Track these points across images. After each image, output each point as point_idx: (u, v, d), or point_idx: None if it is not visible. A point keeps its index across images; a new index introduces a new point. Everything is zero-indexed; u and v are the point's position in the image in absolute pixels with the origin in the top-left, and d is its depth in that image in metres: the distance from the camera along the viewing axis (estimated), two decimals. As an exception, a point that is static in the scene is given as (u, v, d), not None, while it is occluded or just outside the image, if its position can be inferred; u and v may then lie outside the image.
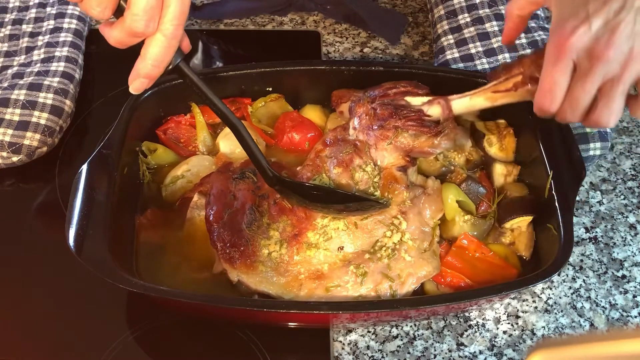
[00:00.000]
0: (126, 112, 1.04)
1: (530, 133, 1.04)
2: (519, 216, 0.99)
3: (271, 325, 0.99)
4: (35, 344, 0.96)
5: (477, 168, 1.08)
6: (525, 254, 1.00)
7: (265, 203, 0.97)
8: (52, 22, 1.30)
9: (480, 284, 0.96)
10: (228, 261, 0.92)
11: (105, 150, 0.98)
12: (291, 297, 0.92)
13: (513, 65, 0.95)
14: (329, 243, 0.95)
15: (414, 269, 0.94)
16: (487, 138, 1.07)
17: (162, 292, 0.88)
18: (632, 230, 1.12)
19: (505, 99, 0.96)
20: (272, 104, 1.16)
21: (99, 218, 0.91)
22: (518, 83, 0.93)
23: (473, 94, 0.99)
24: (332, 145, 1.04)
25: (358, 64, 1.16)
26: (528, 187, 1.05)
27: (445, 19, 1.31)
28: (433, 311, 0.95)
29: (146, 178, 1.07)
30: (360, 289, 0.93)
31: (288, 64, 1.15)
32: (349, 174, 1.01)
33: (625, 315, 1.02)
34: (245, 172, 1.00)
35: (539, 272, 0.90)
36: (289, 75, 1.15)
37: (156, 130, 1.11)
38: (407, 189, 0.99)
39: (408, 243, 0.96)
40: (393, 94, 1.04)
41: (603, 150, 1.13)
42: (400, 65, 1.17)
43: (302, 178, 1.01)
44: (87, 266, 0.85)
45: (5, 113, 1.12)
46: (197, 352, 0.96)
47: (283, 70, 1.14)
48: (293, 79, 1.16)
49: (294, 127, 1.12)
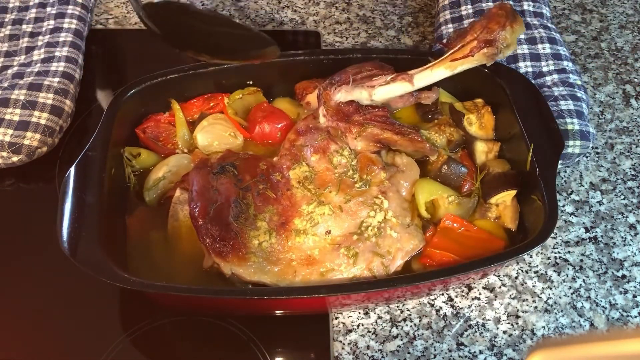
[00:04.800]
0: (109, 113, 1.04)
1: (508, 109, 1.06)
2: (503, 191, 1.01)
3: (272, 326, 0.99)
4: (35, 344, 0.96)
5: (459, 148, 1.10)
6: (512, 226, 1.01)
7: (249, 195, 0.98)
8: (52, 22, 1.30)
9: (470, 260, 0.96)
10: (219, 255, 0.93)
11: (91, 152, 0.98)
12: (287, 284, 0.93)
13: (466, 31, 1.02)
14: (316, 228, 0.97)
15: (402, 243, 0.97)
16: (466, 117, 1.09)
17: (161, 288, 0.88)
18: (632, 230, 1.12)
19: (464, 64, 1.02)
20: (249, 97, 1.16)
21: (91, 220, 0.91)
22: (474, 48, 1.00)
23: (433, 66, 1.03)
24: (305, 133, 1.05)
25: (336, 52, 1.16)
26: (509, 162, 1.06)
27: (448, 8, 1.34)
28: (428, 287, 0.96)
29: (132, 181, 1.07)
30: (353, 269, 0.94)
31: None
32: (327, 159, 1.02)
33: (625, 315, 1.02)
34: (225, 165, 0.99)
35: (529, 240, 0.91)
36: (267, 68, 1.14)
37: (135, 129, 1.11)
38: (384, 169, 1.02)
39: (392, 220, 0.98)
40: (360, 79, 1.06)
41: (583, 149, 1.14)
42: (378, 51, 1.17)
43: (282, 168, 1.02)
44: (83, 268, 0.85)
45: (5, 113, 1.12)
46: (196, 351, 0.96)
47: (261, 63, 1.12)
48: (270, 71, 1.15)
49: (265, 117, 1.12)
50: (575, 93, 1.18)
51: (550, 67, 1.22)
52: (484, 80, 1.10)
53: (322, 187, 1.00)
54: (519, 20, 1.01)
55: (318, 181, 1.01)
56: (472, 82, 1.10)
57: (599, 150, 1.24)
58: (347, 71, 1.07)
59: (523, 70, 1.22)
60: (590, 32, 1.45)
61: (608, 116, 1.29)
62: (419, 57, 1.14)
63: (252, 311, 1.01)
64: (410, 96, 1.07)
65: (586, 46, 1.42)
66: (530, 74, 1.22)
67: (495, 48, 0.99)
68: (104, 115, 1.04)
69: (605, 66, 1.38)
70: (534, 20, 1.29)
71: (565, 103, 1.16)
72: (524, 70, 1.22)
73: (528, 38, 1.25)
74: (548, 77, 1.21)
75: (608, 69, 1.38)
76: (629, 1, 1.53)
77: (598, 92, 1.33)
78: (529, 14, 1.31)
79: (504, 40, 1.00)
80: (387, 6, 1.50)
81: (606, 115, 1.29)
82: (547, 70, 1.22)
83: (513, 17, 1.00)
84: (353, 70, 1.07)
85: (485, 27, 0.99)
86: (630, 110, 1.30)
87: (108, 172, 0.98)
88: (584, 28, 1.46)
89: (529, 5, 1.32)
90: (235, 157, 1.02)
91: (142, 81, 1.09)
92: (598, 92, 1.33)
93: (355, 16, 1.48)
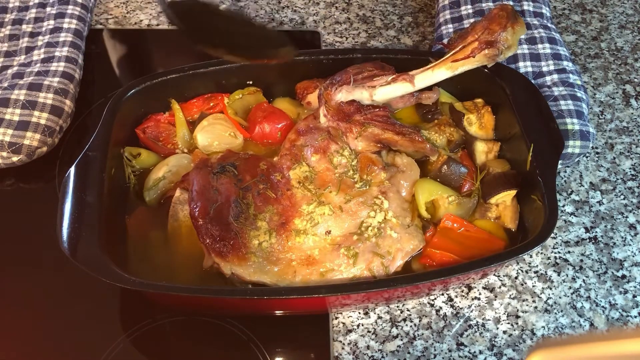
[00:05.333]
0: (109, 113, 1.04)
1: (508, 109, 1.06)
2: (503, 191, 1.01)
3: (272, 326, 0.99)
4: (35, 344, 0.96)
5: (459, 148, 1.10)
6: (511, 226, 1.01)
7: (249, 195, 0.98)
8: (52, 22, 1.30)
9: (470, 260, 0.96)
10: (219, 255, 0.93)
11: (91, 152, 0.98)
12: (287, 284, 0.93)
13: (467, 32, 1.02)
14: (316, 228, 0.97)
15: (402, 244, 0.97)
16: (466, 117, 1.09)
17: (161, 288, 0.88)
18: (632, 230, 1.12)
19: (465, 65, 1.02)
20: (249, 97, 1.16)
21: (91, 220, 0.91)
22: (475, 49, 1.00)
23: (434, 66, 1.03)
24: (305, 133, 1.06)
25: (336, 52, 1.16)
26: (509, 162, 1.06)
27: (448, 8, 1.34)
28: (428, 287, 0.96)
29: (132, 181, 1.07)
30: (353, 269, 0.94)
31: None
32: (328, 159, 1.03)
33: (625, 315, 1.02)
34: (226, 165, 1.00)
35: (529, 240, 0.91)
36: (267, 68, 1.14)
37: (135, 129, 1.11)
38: (384, 170, 1.02)
39: (392, 221, 0.98)
40: (361, 79, 1.06)
41: (583, 149, 1.14)
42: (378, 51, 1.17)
43: (282, 168, 1.02)
44: (83, 268, 0.85)
45: (5, 113, 1.12)
46: (196, 351, 0.96)
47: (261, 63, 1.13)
48: (270, 71, 1.15)
49: (265, 117, 1.12)
50: (575, 93, 1.18)
51: (550, 67, 1.22)
52: (484, 80, 1.10)
53: (323, 187, 1.01)
54: (520, 22, 1.01)
55: (318, 181, 1.01)
56: (472, 82, 1.10)
57: (599, 150, 1.24)
58: (348, 71, 1.07)
59: (523, 70, 1.23)
60: (590, 32, 1.45)
61: (608, 116, 1.29)
62: (419, 57, 1.14)
63: (252, 311, 1.01)
64: (411, 96, 1.07)
65: (586, 46, 1.42)
66: (530, 74, 1.22)
67: (496, 49, 1.00)
68: (104, 115, 1.03)
69: (605, 66, 1.38)
70: (534, 20, 1.29)
71: (565, 103, 1.16)
72: (523, 70, 1.23)
73: (528, 38, 1.25)
74: (548, 77, 1.21)
75: (608, 69, 1.38)
76: (629, 1, 1.53)
77: (598, 92, 1.33)
78: (528, 14, 1.31)
79: (505, 41, 1.00)
80: (387, 6, 1.50)
81: (606, 115, 1.29)
82: (547, 70, 1.22)
83: (514, 19, 1.00)
84: (354, 70, 1.08)
85: (487, 28, 0.99)
86: (630, 110, 1.30)
87: (108, 172, 0.98)
88: (584, 28, 1.46)
89: (528, 5, 1.32)
90: (235, 157, 1.02)
91: (142, 81, 1.09)
92: (598, 92, 1.33)
93: (355, 16, 1.48)
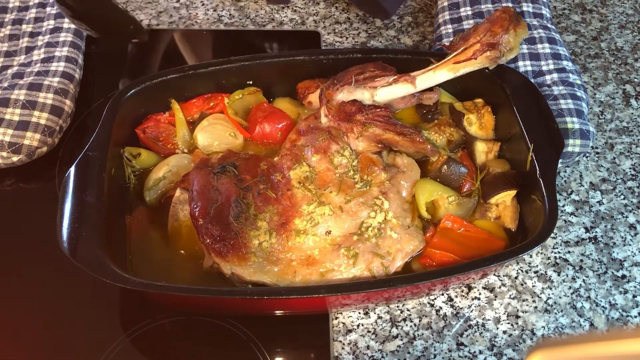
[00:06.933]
0: (109, 113, 1.04)
1: (508, 109, 1.06)
2: (503, 191, 1.01)
3: (272, 326, 0.99)
4: (35, 344, 0.96)
5: (459, 148, 1.10)
6: (512, 227, 1.01)
7: (249, 195, 0.98)
8: (52, 22, 1.30)
9: (470, 260, 0.96)
10: (219, 255, 0.93)
11: (91, 152, 0.98)
12: (287, 284, 0.93)
13: (469, 34, 1.02)
14: (316, 228, 0.97)
15: (402, 244, 0.97)
16: (466, 117, 1.09)
17: (161, 288, 0.88)
18: (632, 230, 1.12)
19: (467, 67, 1.02)
20: (249, 97, 1.16)
21: (91, 220, 0.91)
22: (477, 51, 1.00)
23: (435, 67, 1.03)
24: (306, 133, 1.06)
25: (336, 52, 1.16)
26: (509, 162, 1.06)
27: (447, 9, 1.35)
28: (428, 287, 0.96)
29: (132, 181, 1.07)
30: (353, 269, 0.94)
31: (265, 57, 1.15)
32: (328, 160, 1.02)
33: (625, 315, 1.02)
34: (226, 165, 1.00)
35: (529, 240, 0.91)
36: (267, 68, 1.14)
37: (135, 129, 1.11)
38: (385, 170, 1.02)
39: (392, 221, 0.98)
40: (362, 79, 1.06)
41: (583, 148, 1.14)
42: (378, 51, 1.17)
43: (283, 168, 1.02)
44: (83, 268, 0.85)
45: (5, 113, 1.12)
46: (196, 351, 0.96)
47: (261, 63, 1.14)
48: (270, 71, 1.15)
49: (265, 117, 1.12)
50: (575, 92, 1.18)
51: (550, 66, 1.22)
52: (484, 80, 1.10)
53: (323, 187, 1.01)
54: (522, 24, 1.00)
55: (319, 181, 1.01)
56: (472, 82, 1.10)
57: (599, 150, 1.24)
58: (349, 71, 1.08)
59: (522, 70, 1.23)
60: (590, 32, 1.45)
61: (608, 116, 1.29)
62: (419, 57, 1.14)
63: (252, 311, 1.01)
64: (412, 97, 1.07)
65: (586, 46, 1.42)
66: (529, 73, 1.22)
67: (498, 51, 0.99)
68: (104, 115, 1.03)
69: (605, 66, 1.38)
70: (534, 20, 1.29)
71: (565, 102, 1.16)
72: (523, 70, 1.23)
73: (528, 38, 1.25)
74: (548, 77, 1.21)
75: (608, 69, 1.38)
76: (629, 1, 1.53)
77: (598, 92, 1.33)
78: (528, 14, 1.31)
79: (507, 43, 0.99)
80: (387, 6, 1.50)
81: (606, 115, 1.29)
82: (546, 69, 1.22)
83: (516, 21, 1.00)
84: (355, 70, 1.08)
85: (489, 30, 0.99)
86: (630, 110, 1.30)
87: (108, 172, 0.98)
88: (584, 28, 1.46)
89: (528, 6, 1.32)
90: (235, 157, 1.02)
91: (142, 81, 1.09)
92: (598, 92, 1.33)
93: (355, 16, 1.48)
